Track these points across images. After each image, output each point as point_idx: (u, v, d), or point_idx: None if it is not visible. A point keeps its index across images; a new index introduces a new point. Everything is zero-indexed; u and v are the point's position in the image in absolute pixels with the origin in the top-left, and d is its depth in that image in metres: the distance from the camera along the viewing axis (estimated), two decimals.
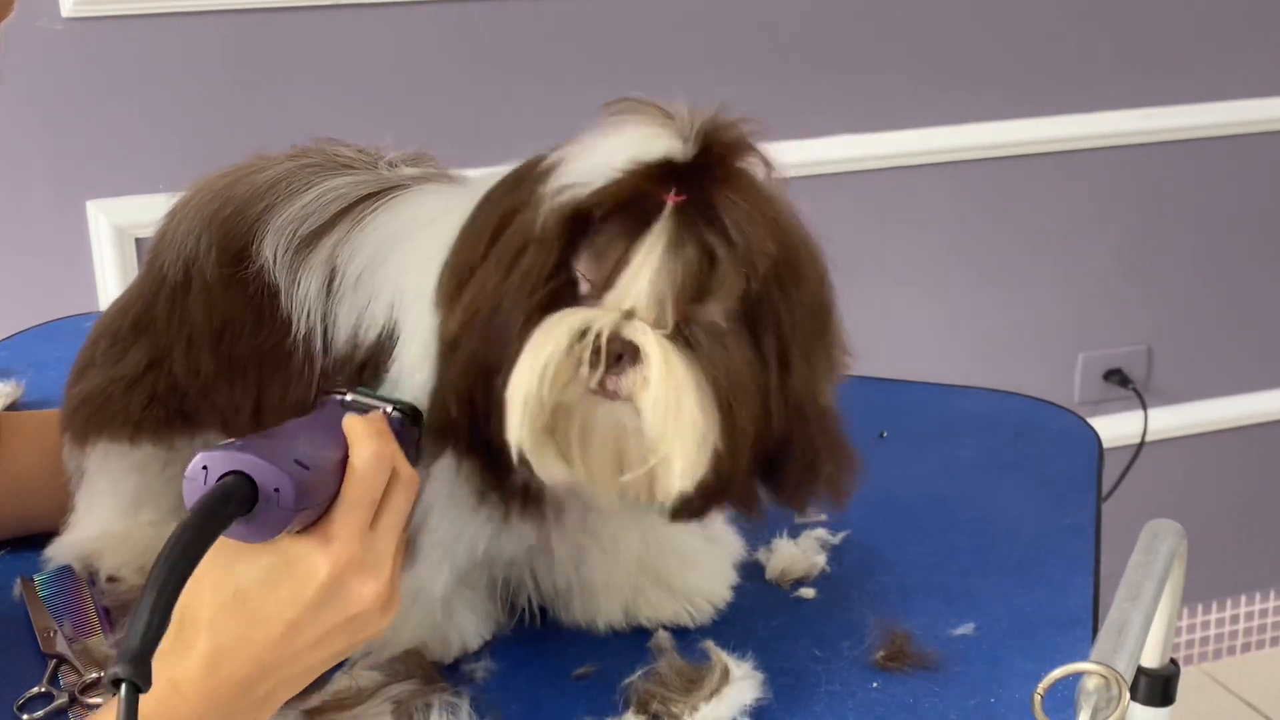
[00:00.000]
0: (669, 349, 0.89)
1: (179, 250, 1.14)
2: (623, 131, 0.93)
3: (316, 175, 1.11)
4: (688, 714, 1.00)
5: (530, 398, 0.90)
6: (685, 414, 0.89)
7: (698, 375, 0.90)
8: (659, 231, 0.89)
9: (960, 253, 2.49)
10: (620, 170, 0.90)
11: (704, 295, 0.91)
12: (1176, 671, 1.22)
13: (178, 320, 1.15)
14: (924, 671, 1.06)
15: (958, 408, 1.52)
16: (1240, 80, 2.54)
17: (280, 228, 1.08)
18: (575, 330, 0.89)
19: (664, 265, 0.89)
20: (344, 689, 1.02)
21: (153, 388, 1.17)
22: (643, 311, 0.89)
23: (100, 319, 1.24)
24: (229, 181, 1.15)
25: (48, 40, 1.97)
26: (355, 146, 1.16)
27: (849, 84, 2.33)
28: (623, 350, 0.89)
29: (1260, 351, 2.74)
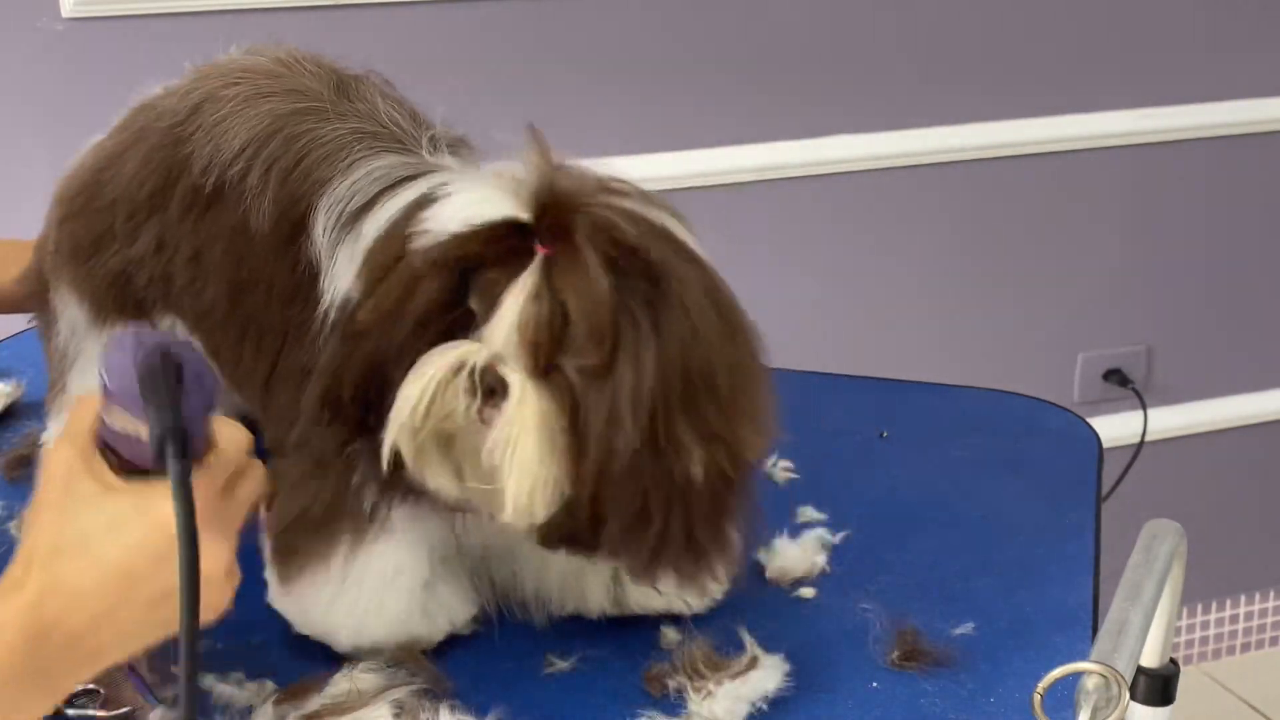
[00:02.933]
0: (528, 389, 0.95)
1: (213, 155, 1.14)
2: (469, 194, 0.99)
3: (370, 150, 1.12)
4: (710, 690, 1.01)
5: (407, 421, 0.97)
6: (526, 453, 0.94)
7: (550, 419, 0.95)
8: (523, 281, 0.95)
9: (960, 253, 2.49)
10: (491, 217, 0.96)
11: (564, 347, 0.95)
12: (1176, 671, 1.22)
13: (191, 223, 1.16)
14: (932, 669, 1.07)
15: (958, 408, 1.52)
16: (1240, 80, 2.54)
17: (330, 205, 1.10)
18: (452, 364, 0.96)
19: (523, 313, 0.94)
20: (343, 691, 1.02)
21: (152, 270, 1.19)
22: (513, 355, 0.95)
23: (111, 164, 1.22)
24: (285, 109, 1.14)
25: (48, 40, 1.97)
26: (408, 110, 1.18)
27: (849, 84, 2.34)
28: (495, 384, 0.95)
29: (1260, 351, 2.74)
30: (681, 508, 0.98)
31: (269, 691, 1.05)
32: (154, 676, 1.07)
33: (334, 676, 1.04)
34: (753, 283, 2.61)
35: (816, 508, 1.30)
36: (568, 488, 0.96)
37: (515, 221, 0.96)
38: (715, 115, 2.27)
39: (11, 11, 1.96)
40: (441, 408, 0.96)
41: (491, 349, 0.95)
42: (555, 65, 2.20)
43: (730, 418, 0.99)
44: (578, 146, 2.11)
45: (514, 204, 0.96)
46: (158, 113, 1.22)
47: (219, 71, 1.22)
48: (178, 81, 1.28)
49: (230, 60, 1.25)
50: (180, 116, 1.19)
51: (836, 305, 2.43)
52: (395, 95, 1.20)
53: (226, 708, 1.04)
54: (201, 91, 1.19)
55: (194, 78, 1.23)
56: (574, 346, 0.95)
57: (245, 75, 1.19)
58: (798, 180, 2.35)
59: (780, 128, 2.31)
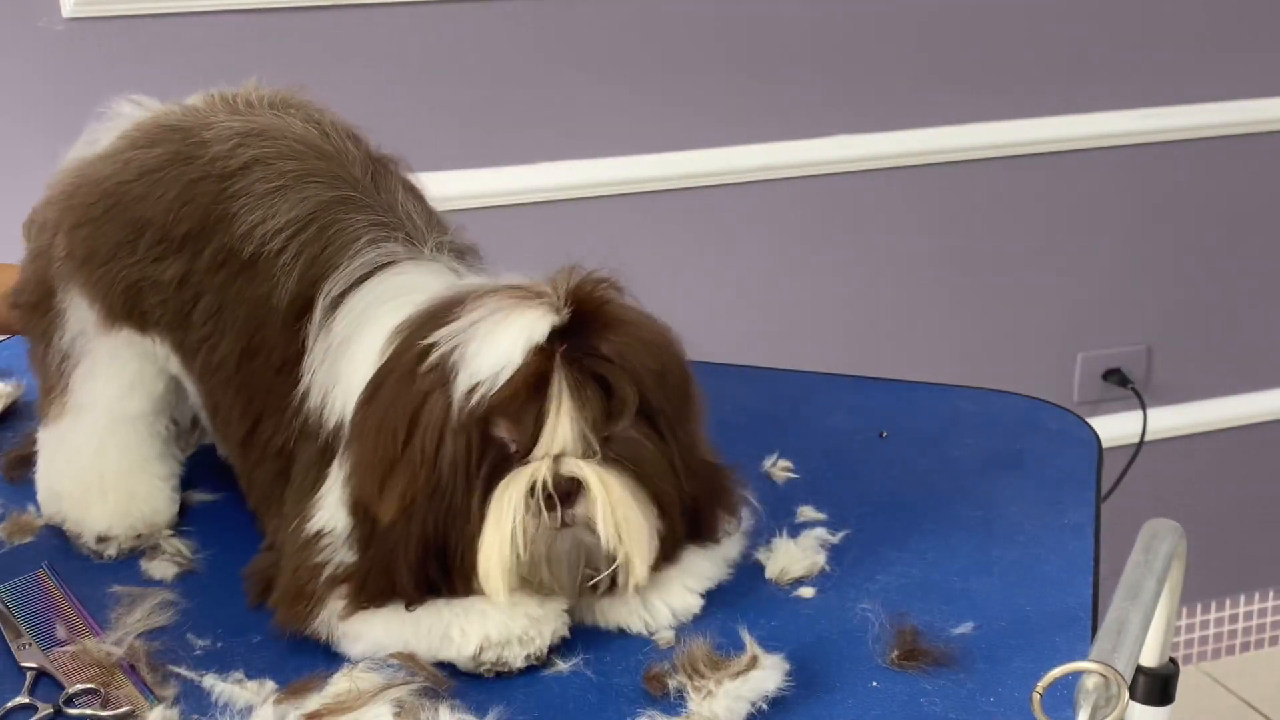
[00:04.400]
0: (603, 473, 1.04)
1: (256, 225, 1.18)
2: (511, 321, 1.04)
3: (383, 239, 1.18)
4: (710, 690, 1.01)
5: (507, 560, 1.04)
6: (632, 523, 1.05)
7: (631, 485, 1.06)
8: (559, 382, 1.03)
9: (960, 253, 2.49)
10: (520, 359, 1.02)
11: (612, 418, 1.05)
12: (1176, 671, 1.22)
13: (221, 279, 1.20)
14: (931, 669, 1.07)
15: (958, 408, 1.52)
16: (1240, 80, 2.54)
17: (328, 289, 1.17)
18: (524, 491, 1.03)
19: (574, 408, 1.03)
20: (344, 691, 1.02)
21: (166, 298, 1.23)
22: (571, 450, 1.03)
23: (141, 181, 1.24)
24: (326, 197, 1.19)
25: (48, 40, 1.97)
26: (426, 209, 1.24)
27: (849, 84, 2.34)
28: (569, 487, 1.03)
29: (1260, 351, 2.74)
30: (715, 480, 1.16)
31: (269, 691, 1.05)
32: (153, 676, 1.07)
33: (334, 676, 1.04)
34: (753, 283, 2.63)
35: (816, 507, 1.30)
36: (662, 526, 1.08)
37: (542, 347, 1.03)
38: (715, 115, 2.28)
39: (11, 11, 1.96)
40: (529, 533, 1.04)
41: (552, 457, 1.03)
42: (555, 65, 2.20)
43: (700, 407, 1.15)
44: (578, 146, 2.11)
45: (553, 313, 1.04)
46: (200, 146, 1.23)
47: (265, 130, 1.24)
48: (194, 103, 1.30)
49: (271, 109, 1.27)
50: (229, 167, 1.21)
51: (836, 305, 2.43)
52: (418, 193, 1.27)
53: (226, 707, 1.04)
54: (253, 151, 1.22)
55: (239, 123, 1.24)
56: (622, 411, 1.05)
57: (297, 149, 1.22)
58: (798, 180, 2.35)
59: (780, 128, 2.31)
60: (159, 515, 1.28)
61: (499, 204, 2.20)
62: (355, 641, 1.09)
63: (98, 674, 1.07)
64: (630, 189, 2.27)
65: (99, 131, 1.32)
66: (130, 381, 1.28)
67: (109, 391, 1.28)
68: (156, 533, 1.27)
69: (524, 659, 1.07)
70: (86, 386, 1.28)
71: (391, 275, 1.16)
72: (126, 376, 1.28)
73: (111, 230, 1.24)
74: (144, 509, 1.27)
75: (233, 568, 1.22)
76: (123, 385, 1.28)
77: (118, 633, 1.11)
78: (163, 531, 1.28)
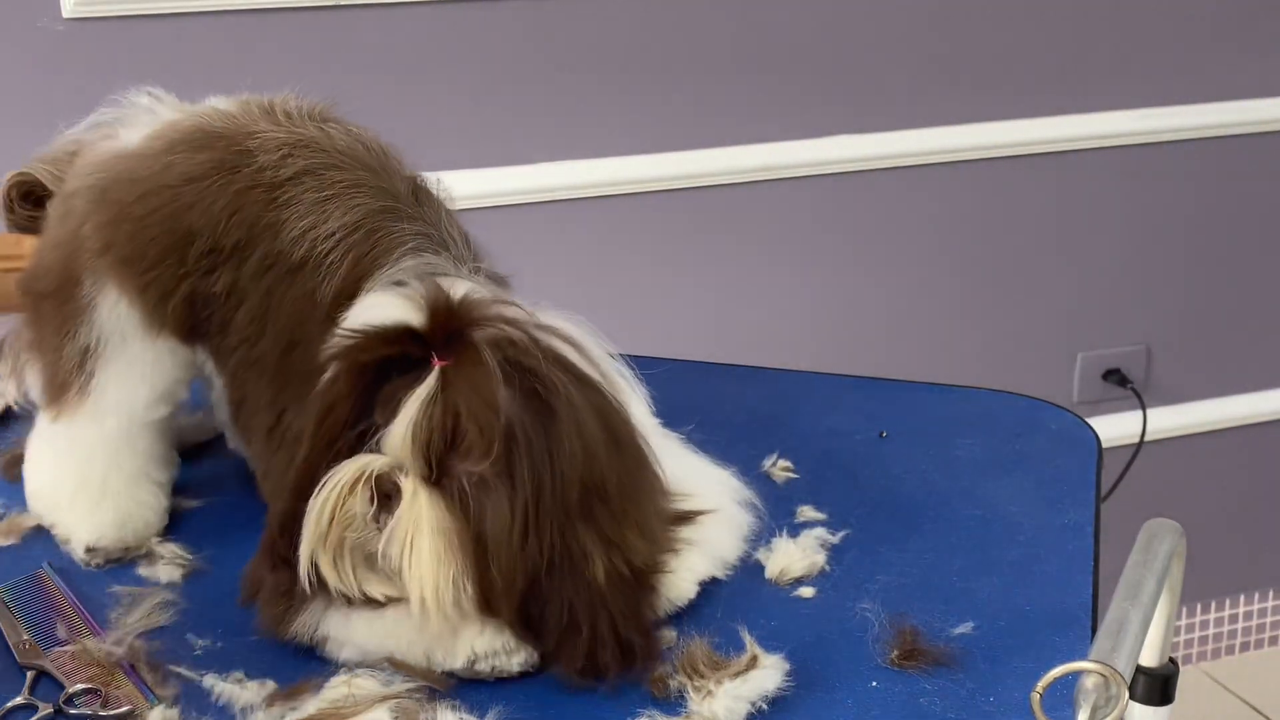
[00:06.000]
0: (421, 494, 1.01)
1: (310, 232, 1.19)
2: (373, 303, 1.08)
3: (427, 249, 1.19)
4: (710, 690, 1.01)
5: (313, 526, 1.03)
6: (424, 556, 1.01)
7: (445, 521, 1.01)
8: (422, 389, 1.02)
9: (959, 253, 2.49)
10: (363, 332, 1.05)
11: (460, 451, 1.02)
12: (1175, 671, 1.22)
13: (266, 286, 1.21)
14: (931, 669, 1.07)
15: (957, 408, 1.52)
16: (1240, 80, 2.54)
17: (373, 285, 1.16)
18: (354, 472, 1.03)
19: (418, 420, 1.01)
20: (341, 696, 1.02)
21: (215, 309, 1.23)
22: (406, 459, 1.02)
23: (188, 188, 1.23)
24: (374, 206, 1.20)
25: (48, 40, 1.97)
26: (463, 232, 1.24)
27: (849, 84, 2.34)
28: (389, 490, 1.02)
29: (1260, 351, 2.74)
30: (605, 611, 1.05)
31: (269, 691, 1.05)
32: (154, 676, 1.07)
33: (331, 680, 1.04)
34: (753, 283, 2.63)
35: (816, 507, 1.30)
36: (470, 588, 1.02)
37: (410, 329, 1.04)
38: (715, 115, 2.28)
39: (11, 11, 1.96)
40: (343, 516, 1.03)
41: (390, 457, 1.02)
42: (555, 65, 2.20)
43: (621, 525, 1.07)
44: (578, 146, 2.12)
45: (411, 311, 1.04)
46: (246, 155, 1.23)
47: (312, 141, 1.24)
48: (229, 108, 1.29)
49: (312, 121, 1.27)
50: (280, 177, 1.21)
51: (836, 305, 2.43)
52: (455, 217, 1.27)
53: (226, 707, 1.04)
54: (303, 163, 1.22)
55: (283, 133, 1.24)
56: (467, 452, 1.02)
57: (345, 161, 1.23)
58: (798, 180, 2.35)
59: (780, 128, 2.31)
60: (151, 527, 1.27)
61: (499, 204, 2.20)
62: (340, 647, 1.09)
63: (98, 674, 1.07)
64: (630, 189, 2.27)
65: (115, 122, 1.32)
66: (166, 389, 1.27)
67: (141, 397, 1.26)
68: (144, 543, 1.26)
69: (519, 665, 1.07)
70: (115, 390, 1.25)
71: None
72: (163, 384, 1.27)
73: (158, 235, 1.22)
74: (145, 515, 1.26)
75: (233, 568, 1.22)
76: (157, 392, 1.27)
77: (118, 633, 1.11)
78: (151, 539, 1.27)
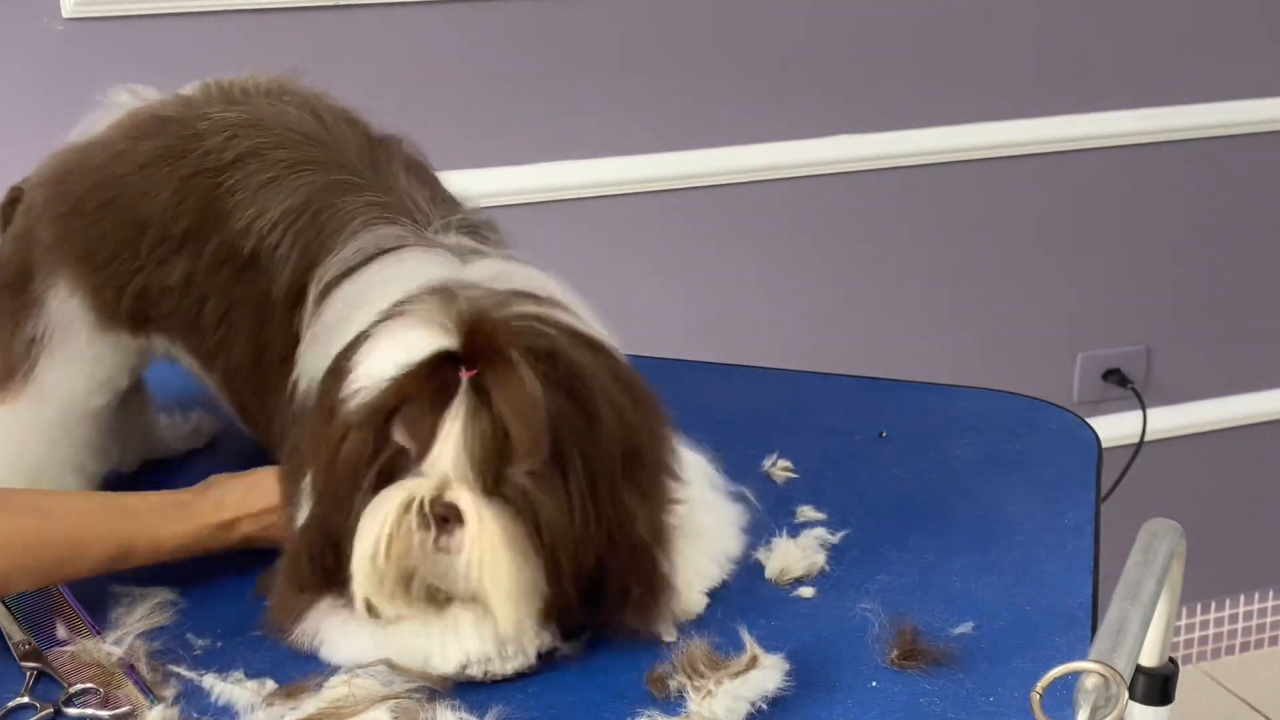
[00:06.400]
0: (484, 509, 0.99)
1: (259, 221, 1.19)
2: (397, 334, 1.03)
3: (379, 220, 1.17)
4: (710, 689, 1.01)
5: (370, 571, 1.01)
6: (502, 571, 1.00)
7: (514, 530, 1.00)
8: (458, 405, 0.99)
9: (960, 253, 2.49)
10: (390, 375, 1.01)
11: (507, 459, 1.00)
12: (1175, 670, 1.22)
13: (225, 279, 1.20)
14: (931, 669, 1.06)
15: (957, 408, 1.52)
16: (1240, 80, 2.54)
17: (320, 275, 1.16)
18: (401, 503, 0.99)
19: (465, 435, 0.99)
20: (341, 696, 1.02)
21: (177, 302, 1.23)
22: (458, 477, 1.00)
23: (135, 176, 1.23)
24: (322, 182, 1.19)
25: (48, 40, 1.97)
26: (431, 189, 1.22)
27: (849, 84, 2.33)
28: (446, 512, 1.00)
29: (1260, 351, 2.74)
30: (650, 561, 1.07)
31: (269, 691, 1.05)
32: (154, 676, 1.07)
33: (331, 679, 1.04)
34: (753, 283, 2.62)
35: (816, 507, 1.30)
36: (546, 585, 1.02)
37: (445, 354, 1.00)
38: (715, 115, 2.27)
39: (11, 11, 1.96)
40: (399, 548, 1.00)
41: (437, 478, 1.00)
42: (555, 66, 2.20)
43: (654, 476, 1.09)
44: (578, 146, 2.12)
45: (444, 336, 1.00)
46: (194, 139, 1.22)
47: (259, 121, 1.23)
48: (190, 93, 1.28)
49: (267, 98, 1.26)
50: (224, 160, 1.21)
51: (836, 305, 2.43)
52: (424, 172, 1.25)
53: (226, 707, 1.04)
54: (247, 144, 1.21)
55: (234, 114, 1.23)
56: (516, 456, 1.00)
57: (291, 138, 1.21)
58: (798, 180, 2.35)
59: (780, 128, 2.31)
60: None
61: (499, 204, 2.20)
62: (335, 650, 1.09)
63: (98, 674, 1.07)
64: (630, 189, 2.27)
65: (96, 120, 1.32)
66: (104, 379, 1.29)
67: (78, 387, 1.28)
68: None
69: (513, 669, 1.07)
70: (54, 379, 1.27)
71: (388, 262, 1.15)
72: (101, 374, 1.28)
73: (110, 229, 1.23)
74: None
75: (232, 567, 1.22)
76: (95, 382, 1.28)
77: (118, 633, 1.11)
78: None
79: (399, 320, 1.04)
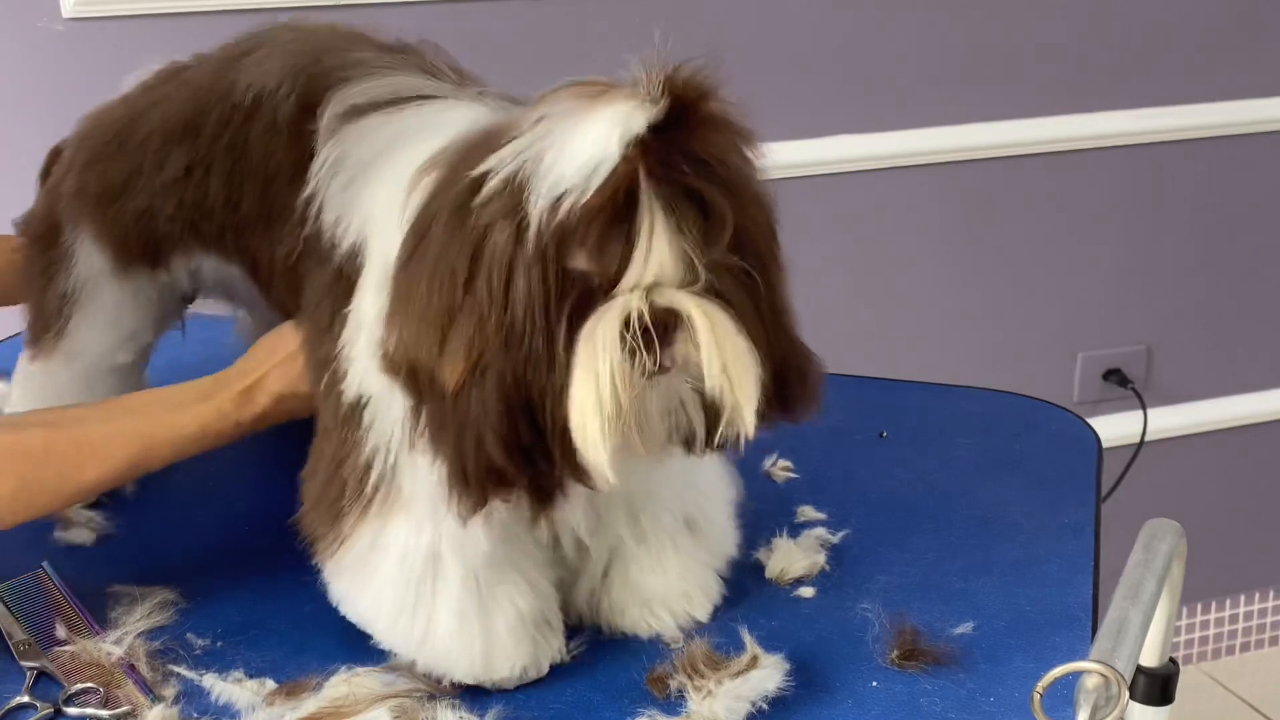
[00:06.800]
0: (709, 308, 0.88)
1: (258, 79, 1.17)
2: (598, 113, 0.87)
3: (402, 69, 1.13)
4: (710, 690, 1.01)
5: (606, 410, 0.87)
6: (743, 364, 0.90)
7: (735, 321, 0.90)
8: (650, 196, 0.86)
9: (959, 253, 2.49)
10: (619, 153, 0.86)
11: (709, 241, 0.89)
12: (1176, 671, 1.22)
13: (227, 140, 1.18)
14: (931, 669, 1.07)
15: (957, 408, 1.52)
16: (1240, 80, 2.54)
17: (341, 98, 1.11)
18: (618, 327, 0.87)
19: (670, 227, 0.87)
20: (341, 696, 1.02)
21: (180, 196, 1.21)
22: (667, 279, 0.87)
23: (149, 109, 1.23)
24: (325, 44, 1.18)
25: (48, 40, 1.97)
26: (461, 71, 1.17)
27: (849, 84, 2.33)
28: (666, 321, 0.88)
29: (1260, 351, 2.74)
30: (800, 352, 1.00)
31: (268, 690, 1.05)
32: (153, 675, 1.07)
33: (332, 679, 1.04)
34: None
35: (816, 507, 1.30)
36: (765, 371, 0.92)
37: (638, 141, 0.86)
38: None
39: (11, 11, 1.96)
40: (626, 381, 0.87)
41: (645, 288, 0.87)
42: (555, 65, 2.19)
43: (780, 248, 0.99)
44: None
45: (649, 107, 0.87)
46: (203, 62, 1.25)
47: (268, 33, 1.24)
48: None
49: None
50: (230, 60, 1.21)
51: (836, 305, 2.43)
52: (450, 58, 1.19)
53: (226, 707, 1.04)
54: (255, 41, 1.22)
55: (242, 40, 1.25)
56: (718, 232, 0.89)
57: (301, 31, 1.22)
58: (799, 180, 2.35)
59: (780, 128, 2.31)
60: None
61: None
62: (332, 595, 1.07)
63: (98, 673, 1.07)
64: None
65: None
66: (128, 333, 1.30)
67: (105, 342, 1.29)
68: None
69: (517, 681, 1.06)
70: (83, 335, 1.28)
71: (430, 108, 1.07)
72: (126, 328, 1.29)
73: (121, 163, 1.24)
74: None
75: (233, 567, 1.22)
76: (120, 336, 1.29)
77: (118, 632, 1.11)
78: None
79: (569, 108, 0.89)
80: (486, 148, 0.91)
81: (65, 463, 1.09)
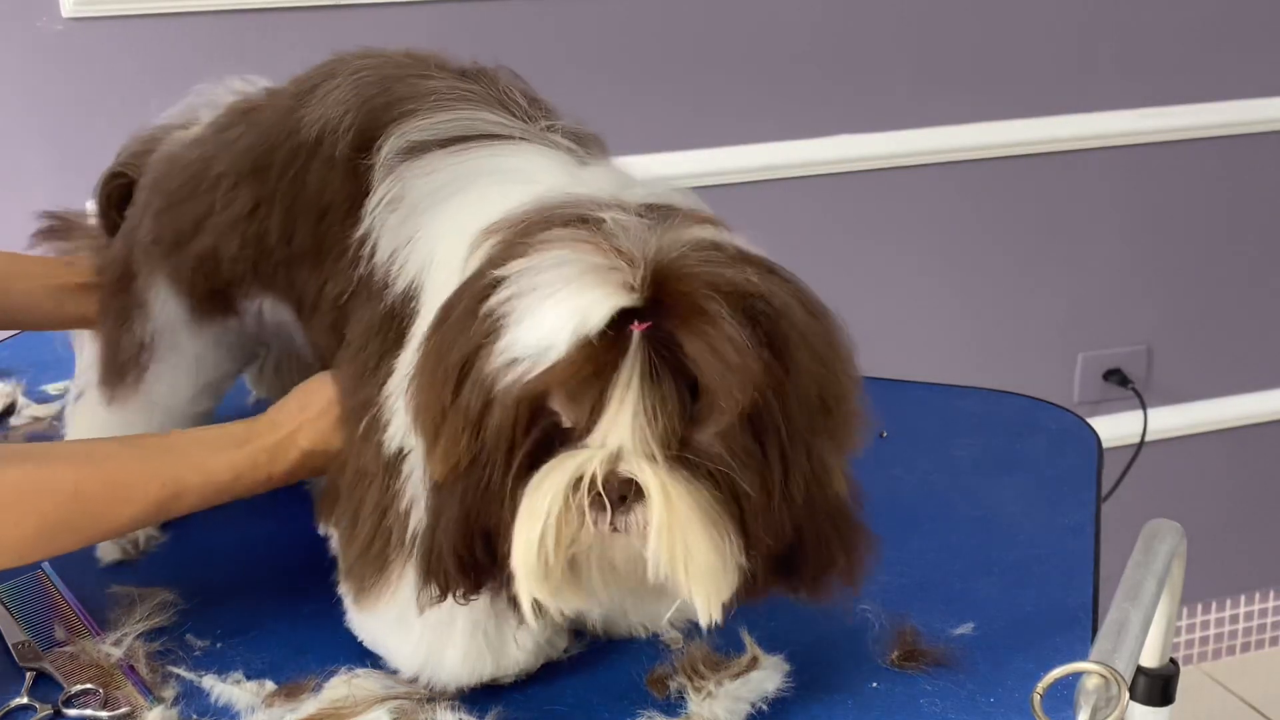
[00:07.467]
0: (669, 484, 0.85)
1: (323, 113, 1.14)
2: (566, 295, 0.84)
3: (470, 102, 1.10)
4: (709, 690, 1.01)
5: (536, 563, 0.86)
6: (696, 551, 0.85)
7: (705, 504, 0.86)
8: (631, 365, 0.84)
9: (960, 253, 2.49)
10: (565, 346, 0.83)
11: (695, 421, 0.86)
12: (1176, 671, 1.22)
13: (291, 176, 1.16)
14: (932, 669, 1.06)
15: (958, 408, 1.52)
16: (1240, 80, 2.54)
17: (403, 132, 1.08)
18: (568, 482, 0.85)
19: (641, 401, 0.84)
20: (340, 696, 1.02)
21: (244, 233, 1.19)
22: (632, 447, 0.85)
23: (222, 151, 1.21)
24: (394, 72, 1.15)
25: (48, 40, 1.97)
26: (535, 99, 1.14)
27: (849, 84, 2.33)
28: (624, 490, 0.85)
29: (1260, 351, 2.74)
30: (844, 529, 0.94)
31: (268, 691, 1.05)
32: (153, 676, 1.07)
33: (332, 680, 1.04)
34: None
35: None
36: (745, 559, 0.88)
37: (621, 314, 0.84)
38: (715, 115, 2.27)
39: (11, 11, 1.96)
40: (568, 533, 0.86)
41: (608, 451, 0.85)
42: (555, 65, 2.20)
43: (848, 420, 0.94)
44: None
45: (623, 295, 0.84)
46: (274, 97, 1.23)
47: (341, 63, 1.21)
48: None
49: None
50: (300, 95, 1.19)
51: (836, 305, 2.43)
52: (524, 84, 1.16)
53: (226, 707, 1.04)
54: (326, 71, 1.19)
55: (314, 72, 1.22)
56: (709, 417, 0.85)
57: (372, 59, 1.19)
58: (798, 180, 2.35)
59: (780, 128, 2.31)
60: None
61: None
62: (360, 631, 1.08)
63: (97, 674, 1.07)
64: None
65: (200, 108, 1.33)
66: (208, 381, 1.29)
67: (185, 392, 1.28)
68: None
69: (513, 678, 1.06)
70: (165, 385, 1.27)
71: (497, 151, 1.05)
72: (205, 377, 1.29)
73: (193, 206, 1.22)
74: None
75: (233, 567, 1.22)
76: (200, 385, 1.29)
77: (117, 633, 1.11)
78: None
79: (554, 267, 0.85)
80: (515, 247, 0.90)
81: (94, 503, 1.04)
